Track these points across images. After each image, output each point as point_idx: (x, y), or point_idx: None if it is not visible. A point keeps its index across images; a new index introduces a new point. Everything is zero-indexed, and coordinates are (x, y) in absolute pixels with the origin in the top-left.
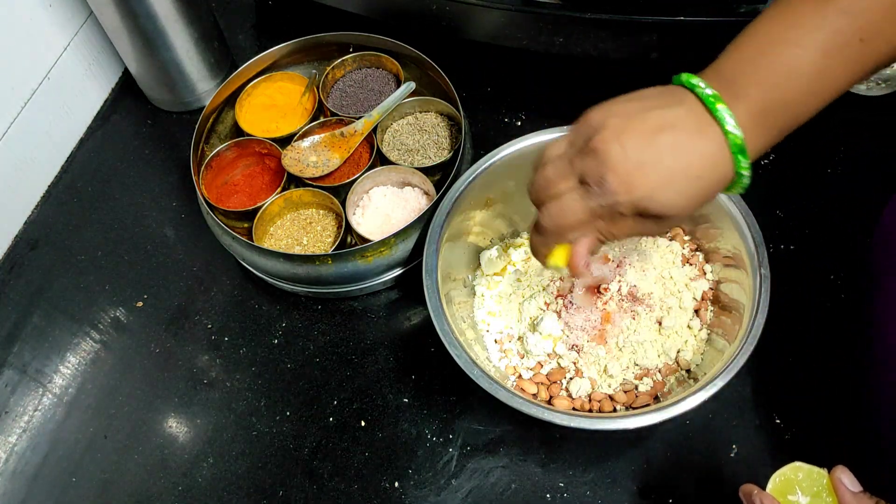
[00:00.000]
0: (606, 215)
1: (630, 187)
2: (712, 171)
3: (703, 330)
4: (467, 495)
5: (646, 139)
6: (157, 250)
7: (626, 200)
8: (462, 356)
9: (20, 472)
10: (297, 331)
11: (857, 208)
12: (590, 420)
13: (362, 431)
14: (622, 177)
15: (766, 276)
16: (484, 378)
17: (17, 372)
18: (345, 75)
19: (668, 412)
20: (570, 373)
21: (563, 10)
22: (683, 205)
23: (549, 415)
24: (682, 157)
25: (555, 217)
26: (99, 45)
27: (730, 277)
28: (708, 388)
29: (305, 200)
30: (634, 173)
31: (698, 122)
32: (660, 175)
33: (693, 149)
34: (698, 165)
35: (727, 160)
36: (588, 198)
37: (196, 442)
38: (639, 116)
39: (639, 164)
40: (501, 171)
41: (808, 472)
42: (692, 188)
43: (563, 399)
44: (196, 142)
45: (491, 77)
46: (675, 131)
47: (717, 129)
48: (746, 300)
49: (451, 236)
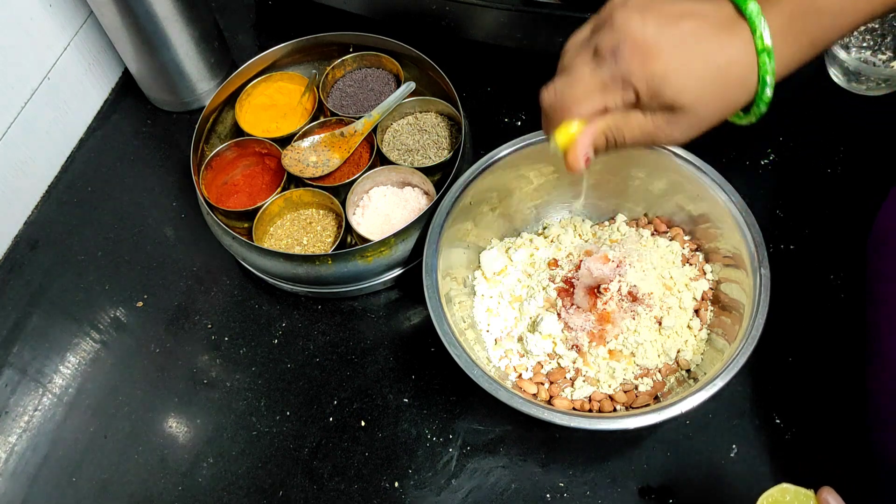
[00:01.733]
0: (619, 92)
1: (645, 59)
2: (735, 69)
3: (703, 330)
4: (467, 495)
5: (669, 20)
6: (157, 250)
7: (640, 73)
8: (462, 356)
9: (20, 472)
10: (297, 331)
11: (857, 208)
12: (589, 420)
13: (362, 431)
14: (639, 46)
15: (766, 275)
16: (484, 378)
17: (17, 372)
18: (345, 75)
19: (668, 412)
20: (571, 373)
21: (563, 10)
22: (700, 95)
23: (549, 415)
24: (705, 45)
25: (563, 86)
26: (99, 45)
27: (730, 277)
28: (708, 388)
29: (305, 200)
30: (652, 46)
31: (728, 17)
32: (679, 55)
33: (717, 41)
34: (721, 57)
35: (752, 63)
36: (601, 68)
37: (196, 442)
38: (665, 1)
39: (657, 39)
40: (501, 170)
41: (796, 494)
42: (711, 79)
43: (563, 399)
44: (196, 142)
45: (491, 77)
46: (702, 20)
47: (746, 28)
48: (746, 300)
49: (450, 236)
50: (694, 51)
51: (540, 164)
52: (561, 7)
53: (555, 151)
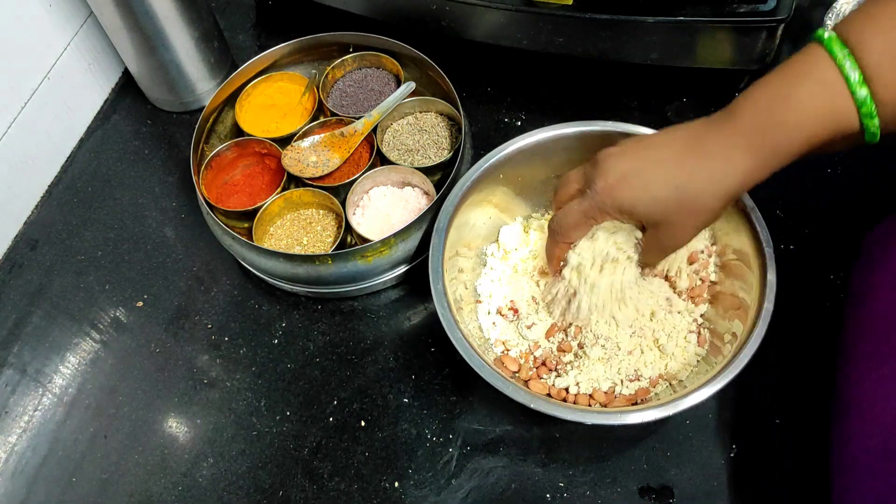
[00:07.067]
0: (603, 218)
1: (612, 191)
2: (695, 184)
3: (700, 349)
4: (467, 495)
5: (638, 154)
6: (157, 250)
7: (610, 203)
8: (474, 357)
9: (20, 472)
10: (297, 331)
11: (857, 208)
12: (598, 415)
13: (362, 431)
14: (609, 181)
15: (771, 276)
16: (497, 377)
17: (17, 372)
18: (345, 75)
19: (669, 409)
20: (557, 361)
21: (563, 10)
22: (665, 211)
23: (562, 411)
24: (665, 170)
25: (559, 218)
26: (99, 45)
27: (732, 276)
28: (708, 387)
29: (305, 200)
30: (619, 180)
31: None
32: (641, 184)
33: (677, 165)
34: (679, 178)
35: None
36: (584, 201)
37: (196, 442)
38: (647, 138)
39: (625, 173)
40: (502, 169)
41: None
42: (673, 198)
43: (541, 383)
44: (196, 142)
45: (491, 77)
46: (667, 148)
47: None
48: (750, 299)
49: (471, 205)
50: (656, 177)
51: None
52: (561, 7)
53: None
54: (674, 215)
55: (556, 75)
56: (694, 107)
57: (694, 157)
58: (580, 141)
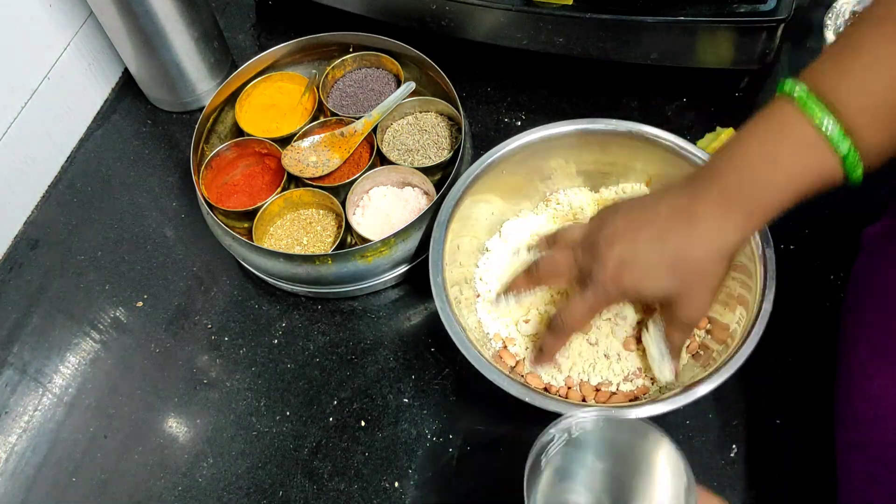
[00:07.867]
0: (603, 305)
1: (614, 278)
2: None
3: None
4: (467, 495)
5: (629, 235)
6: (157, 250)
7: (615, 290)
8: (479, 359)
9: (20, 472)
10: (297, 331)
11: (857, 208)
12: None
13: (362, 431)
14: (608, 270)
15: (771, 275)
16: (493, 370)
17: (17, 372)
18: (345, 75)
19: (667, 405)
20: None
21: (563, 10)
22: (672, 283)
23: (557, 406)
24: (659, 243)
25: (563, 315)
26: (99, 45)
27: (732, 276)
28: (707, 383)
29: (305, 200)
30: (618, 266)
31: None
32: (641, 263)
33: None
34: (673, 247)
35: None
36: (586, 291)
37: (196, 442)
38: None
39: (622, 258)
40: (502, 168)
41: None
42: (673, 267)
43: (537, 378)
44: (196, 142)
45: (491, 77)
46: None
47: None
48: (750, 299)
49: (474, 198)
50: (653, 257)
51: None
52: (561, 7)
53: None
54: (682, 287)
55: (556, 75)
56: (694, 107)
57: (685, 225)
58: (583, 137)
